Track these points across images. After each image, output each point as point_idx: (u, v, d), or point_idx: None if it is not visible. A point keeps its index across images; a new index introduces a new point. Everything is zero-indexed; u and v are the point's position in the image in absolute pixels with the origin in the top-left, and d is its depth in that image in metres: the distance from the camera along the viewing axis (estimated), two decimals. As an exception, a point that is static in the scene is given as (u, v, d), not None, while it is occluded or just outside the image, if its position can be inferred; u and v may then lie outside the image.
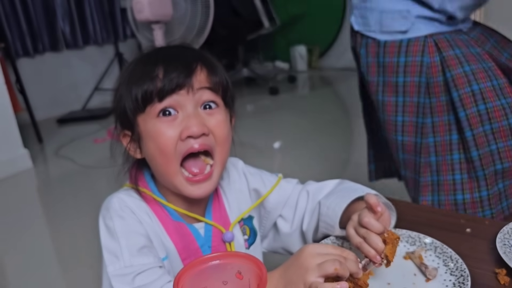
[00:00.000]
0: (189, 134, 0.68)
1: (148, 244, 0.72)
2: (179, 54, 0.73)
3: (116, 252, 0.69)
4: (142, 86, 0.69)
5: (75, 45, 4.48)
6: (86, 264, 1.85)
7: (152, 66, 0.70)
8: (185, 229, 0.78)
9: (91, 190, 2.62)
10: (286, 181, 0.90)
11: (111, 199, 0.77)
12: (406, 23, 1.22)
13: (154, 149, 0.71)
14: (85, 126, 3.90)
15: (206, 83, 0.71)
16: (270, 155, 3.02)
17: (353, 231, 0.68)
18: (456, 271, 0.67)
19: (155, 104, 0.69)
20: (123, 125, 0.76)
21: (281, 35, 5.28)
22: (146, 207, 0.77)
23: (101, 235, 0.73)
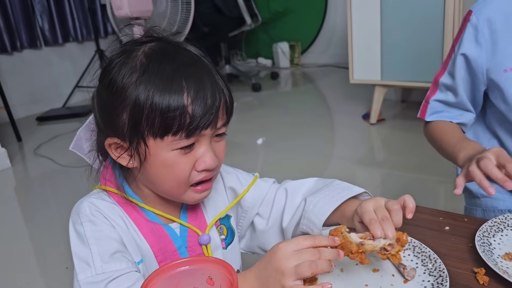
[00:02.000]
0: (206, 167, 0.69)
1: (121, 249, 0.70)
2: (204, 79, 0.66)
3: (87, 259, 0.67)
4: (167, 115, 0.63)
5: (54, 42, 4.41)
6: (66, 264, 1.82)
7: (178, 90, 0.64)
8: (162, 230, 0.76)
9: (70, 190, 2.57)
10: (263, 180, 0.89)
11: (81, 203, 0.73)
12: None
13: (164, 175, 0.69)
14: (65, 124, 3.83)
15: (223, 118, 0.69)
16: (253, 151, 3.00)
17: (372, 208, 0.67)
18: (434, 272, 0.66)
19: (180, 139, 0.65)
20: (115, 134, 0.69)
21: (264, 32, 5.26)
22: (120, 209, 0.74)
23: (71, 242, 0.70)
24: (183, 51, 0.69)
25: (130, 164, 0.70)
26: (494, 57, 1.00)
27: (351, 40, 2.90)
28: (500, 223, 0.77)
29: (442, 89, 1.10)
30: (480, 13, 1.01)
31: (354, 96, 3.71)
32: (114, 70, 0.67)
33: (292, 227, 0.82)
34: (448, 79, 1.08)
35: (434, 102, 1.11)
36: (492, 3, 1.01)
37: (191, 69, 0.66)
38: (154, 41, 0.69)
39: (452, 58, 1.07)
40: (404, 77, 2.79)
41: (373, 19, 2.77)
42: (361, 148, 2.75)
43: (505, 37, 0.99)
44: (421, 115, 1.13)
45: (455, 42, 1.07)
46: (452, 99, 1.08)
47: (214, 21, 4.19)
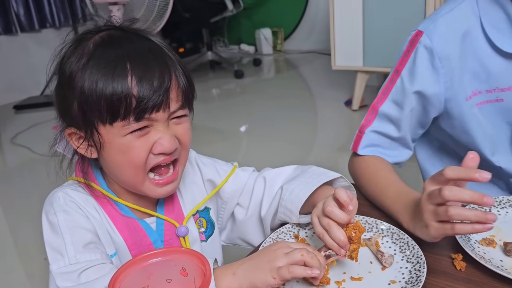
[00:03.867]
0: (162, 151, 0.66)
1: (94, 240, 0.68)
2: (151, 61, 0.65)
3: (60, 249, 0.66)
4: (112, 100, 0.62)
5: (30, 28, 4.29)
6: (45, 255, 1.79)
7: (122, 73, 0.62)
8: (136, 224, 0.74)
9: (48, 179, 2.53)
10: (242, 170, 0.88)
11: (55, 193, 0.72)
12: None
13: (121, 161, 0.67)
14: (43, 112, 3.74)
15: (178, 100, 0.67)
16: (235, 138, 2.99)
17: (316, 219, 0.67)
18: (412, 258, 0.65)
19: (130, 124, 0.64)
20: (71, 123, 0.68)
21: (246, 18, 5.21)
22: (94, 202, 0.73)
23: (44, 232, 0.69)
24: (134, 37, 0.67)
25: (88, 153, 0.69)
26: (453, 85, 0.86)
27: (333, 27, 2.89)
28: (478, 209, 0.76)
29: (382, 119, 0.91)
30: (433, 34, 0.85)
31: (336, 82, 3.70)
32: (64, 59, 0.66)
33: (270, 216, 0.81)
34: (392, 109, 0.90)
35: (371, 133, 0.92)
36: (443, 23, 0.86)
37: (138, 53, 0.65)
38: (107, 30, 0.68)
39: (396, 85, 0.90)
40: (386, 63, 2.79)
41: (355, 5, 2.75)
42: (343, 135, 2.75)
43: (462, 61, 0.85)
44: (354, 147, 0.94)
45: (399, 66, 0.90)
46: (393, 133, 0.91)
47: (195, 7, 4.13)
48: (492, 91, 0.87)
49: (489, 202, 0.58)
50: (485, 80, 0.86)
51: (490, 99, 0.87)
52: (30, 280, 1.71)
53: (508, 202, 0.78)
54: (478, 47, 0.85)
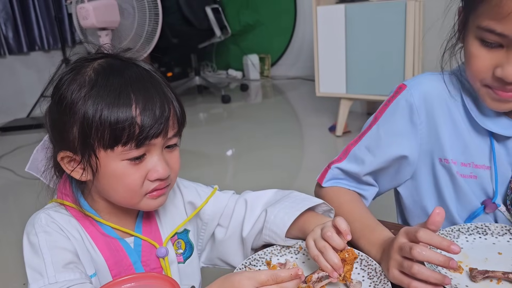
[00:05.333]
0: (158, 177, 0.70)
1: (74, 260, 0.70)
2: (151, 91, 0.68)
3: (40, 269, 0.67)
4: (116, 126, 0.65)
5: (19, 51, 4.31)
6: (23, 280, 1.76)
7: (126, 100, 0.65)
8: (117, 244, 0.76)
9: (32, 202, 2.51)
10: (222, 192, 0.90)
11: (37, 215, 0.74)
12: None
13: (116, 186, 0.70)
14: (29, 135, 3.73)
15: (174, 128, 0.71)
16: (221, 163, 3.00)
17: (312, 242, 0.69)
18: (379, 284, 0.67)
19: (130, 150, 0.67)
20: (66, 147, 0.70)
21: (234, 44, 5.29)
22: (76, 222, 0.75)
23: (25, 253, 0.70)
24: (132, 66, 0.71)
25: (83, 177, 0.71)
26: (430, 141, 0.86)
27: (317, 55, 2.95)
28: (447, 235, 0.78)
29: (351, 160, 0.92)
30: (415, 89, 0.86)
31: (321, 109, 3.76)
32: (63, 87, 0.68)
33: (252, 237, 0.83)
34: (362, 153, 0.90)
35: (336, 169, 0.93)
36: (427, 83, 0.86)
37: (139, 82, 0.68)
38: (104, 58, 0.71)
39: (372, 131, 0.90)
40: (368, 91, 2.85)
41: (338, 35, 2.82)
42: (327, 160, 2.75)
43: (441, 124, 0.84)
44: (320, 179, 0.95)
45: (378, 113, 0.90)
46: (360, 173, 0.91)
47: (184, 33, 4.19)
48: (467, 165, 0.85)
49: (456, 250, 0.59)
50: (461, 152, 0.85)
51: (464, 174, 0.85)
52: (8, 305, 1.68)
53: (476, 229, 0.80)
54: (457, 118, 0.84)
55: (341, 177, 0.94)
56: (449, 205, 0.88)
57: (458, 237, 0.79)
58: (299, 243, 0.80)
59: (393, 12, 2.59)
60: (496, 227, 0.79)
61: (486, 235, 0.79)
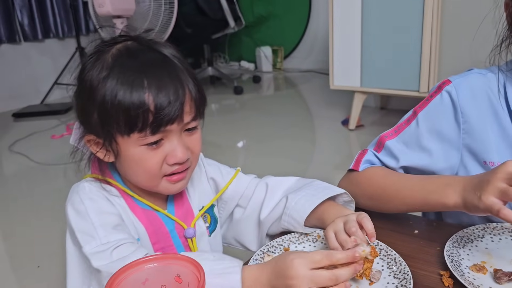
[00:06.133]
0: (176, 161, 0.71)
1: (121, 223, 0.72)
2: (165, 76, 0.68)
3: (90, 231, 0.69)
4: (130, 114, 0.66)
5: (34, 38, 4.34)
6: (37, 263, 1.79)
7: (139, 92, 0.66)
8: (154, 214, 0.78)
9: (45, 188, 2.53)
10: (245, 175, 0.92)
11: (79, 185, 0.76)
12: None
13: (137, 169, 0.72)
14: (43, 121, 3.76)
15: (191, 112, 0.71)
16: (234, 154, 3.00)
17: (332, 234, 0.69)
18: (399, 274, 0.67)
19: (146, 136, 0.68)
20: (91, 130, 0.72)
21: (247, 35, 5.28)
22: (116, 191, 0.77)
23: (72, 221, 0.71)
24: (149, 50, 0.71)
25: (106, 158, 0.73)
26: (472, 143, 0.82)
27: (332, 47, 2.93)
28: (471, 234, 0.76)
29: (386, 153, 0.89)
30: (461, 86, 0.82)
31: (334, 102, 3.74)
32: (85, 72, 0.70)
33: (270, 222, 0.84)
34: (397, 148, 0.88)
35: (372, 156, 0.90)
36: (474, 81, 0.82)
37: (153, 69, 0.68)
38: (125, 41, 0.71)
39: (410, 127, 0.87)
40: (383, 85, 2.83)
41: (354, 27, 2.80)
42: (340, 154, 2.77)
43: (484, 126, 0.80)
44: (354, 166, 0.90)
45: (418, 107, 0.87)
46: (394, 166, 0.88)
47: (198, 23, 4.19)
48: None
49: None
50: (509, 154, 0.80)
51: None
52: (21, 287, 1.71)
53: (502, 229, 0.77)
54: (503, 118, 0.80)
55: (378, 164, 0.90)
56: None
57: (483, 237, 0.76)
58: (317, 232, 0.79)
59: (411, 4, 2.56)
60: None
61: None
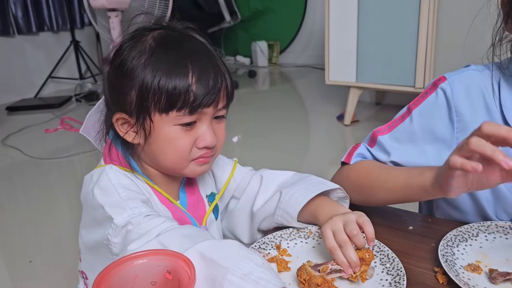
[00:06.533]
0: (206, 145, 0.73)
1: (148, 202, 0.72)
2: (207, 62, 0.71)
3: (120, 204, 0.67)
4: (173, 92, 0.68)
5: (28, 31, 4.30)
6: (29, 258, 1.77)
7: (183, 68, 0.68)
8: (175, 206, 0.79)
9: (39, 182, 2.52)
10: (241, 166, 0.93)
11: (98, 170, 0.75)
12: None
13: (167, 149, 0.72)
14: (37, 115, 3.74)
15: (224, 100, 0.74)
16: (228, 148, 3.00)
17: (330, 233, 0.68)
18: (392, 271, 0.66)
19: (184, 115, 0.70)
20: (123, 109, 0.72)
21: (243, 30, 5.26)
22: (142, 180, 0.77)
23: (99, 199, 0.69)
24: (189, 38, 0.74)
25: (135, 140, 0.74)
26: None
27: (327, 42, 2.92)
28: (465, 233, 0.75)
29: (379, 148, 0.89)
30: (455, 84, 0.81)
31: (330, 97, 3.74)
32: (124, 53, 0.71)
33: (263, 215, 0.84)
34: (390, 145, 0.87)
35: (365, 150, 0.90)
36: (469, 77, 0.81)
37: (196, 54, 0.71)
38: (162, 29, 0.74)
39: (404, 124, 0.86)
40: (378, 80, 2.83)
41: (350, 22, 2.79)
42: (335, 149, 2.76)
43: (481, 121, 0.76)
44: (346, 159, 0.90)
45: (412, 104, 0.86)
46: (383, 159, 0.88)
47: (193, 17, 4.14)
48: None
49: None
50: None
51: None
52: (13, 282, 1.70)
53: (496, 228, 0.77)
54: (496, 117, 0.79)
55: (370, 158, 0.90)
56: (486, 208, 0.83)
57: (477, 235, 0.75)
58: (309, 228, 0.79)
59: (407, 0, 2.55)
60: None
61: (507, 235, 0.75)
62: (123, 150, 0.77)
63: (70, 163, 2.71)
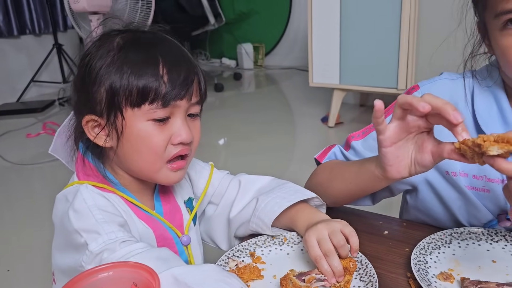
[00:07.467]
0: (181, 141, 0.71)
1: (125, 225, 0.70)
2: (178, 56, 0.71)
3: (95, 228, 0.64)
4: (144, 83, 0.67)
5: (9, 34, 4.24)
6: (7, 267, 1.74)
7: (154, 61, 0.68)
8: (155, 220, 0.77)
9: (20, 188, 2.48)
10: (217, 170, 0.92)
11: (74, 188, 0.72)
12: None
13: (141, 147, 0.70)
14: (18, 119, 3.69)
15: (197, 95, 0.73)
16: (213, 151, 2.98)
17: (315, 242, 0.68)
18: (365, 277, 0.66)
19: (156, 109, 0.68)
20: (92, 111, 0.70)
21: (228, 32, 5.25)
22: (118, 196, 0.74)
23: (73, 223, 0.66)
24: (160, 37, 0.73)
25: (107, 143, 0.71)
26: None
27: (311, 45, 2.93)
28: (438, 240, 0.75)
29: (352, 152, 0.90)
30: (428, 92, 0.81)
31: (314, 99, 3.74)
32: (92, 52, 0.70)
33: (239, 222, 0.83)
34: (361, 149, 0.88)
35: (338, 151, 0.92)
36: (441, 86, 0.83)
37: (166, 47, 0.71)
38: (131, 32, 0.73)
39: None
40: (361, 82, 2.84)
41: (333, 25, 2.80)
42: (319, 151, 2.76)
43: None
44: (319, 157, 0.94)
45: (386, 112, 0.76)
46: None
47: (177, 19, 4.14)
48: (479, 178, 0.80)
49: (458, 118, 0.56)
50: (473, 165, 0.77)
51: (476, 187, 0.81)
52: (-7, 291, 1.67)
53: (469, 234, 0.76)
54: (469, 125, 0.79)
55: (342, 159, 0.91)
56: (459, 217, 0.84)
57: (451, 242, 0.75)
58: (284, 234, 0.78)
59: (389, 2, 2.57)
60: (491, 232, 0.76)
61: (480, 241, 0.75)
62: (95, 161, 0.74)
63: (52, 168, 2.67)
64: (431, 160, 0.64)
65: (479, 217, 0.82)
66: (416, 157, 0.66)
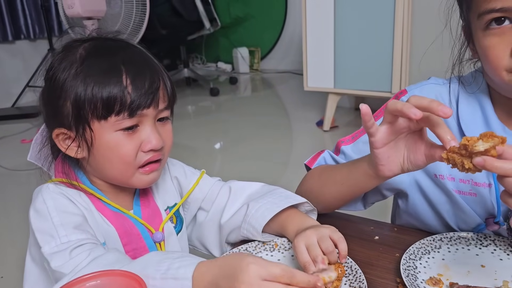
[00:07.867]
0: (151, 148, 0.71)
1: (84, 224, 0.70)
2: (141, 63, 0.72)
3: (50, 231, 0.66)
4: (108, 95, 0.67)
5: (4, 39, 4.24)
6: (4, 274, 1.74)
7: (117, 71, 0.68)
8: (124, 217, 0.77)
9: (16, 194, 2.47)
10: (208, 177, 0.92)
11: (43, 186, 0.74)
12: None
13: (111, 157, 0.71)
14: (14, 125, 3.68)
15: (165, 100, 0.73)
16: (209, 156, 2.98)
17: (304, 248, 0.68)
18: (355, 283, 0.66)
19: (123, 119, 0.68)
20: (61, 124, 0.71)
21: (224, 36, 5.26)
22: (83, 194, 0.75)
23: (32, 222, 0.69)
24: (123, 45, 0.73)
25: (79, 154, 0.72)
26: None
27: (305, 49, 2.94)
28: (428, 245, 0.75)
29: (342, 156, 0.91)
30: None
31: (310, 103, 3.75)
32: (55, 65, 0.70)
33: (230, 228, 0.83)
34: (351, 153, 0.89)
35: (328, 156, 0.92)
36: (428, 91, 0.83)
37: (129, 56, 0.71)
38: (94, 40, 0.73)
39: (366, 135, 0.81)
40: (356, 86, 2.85)
41: (327, 30, 2.81)
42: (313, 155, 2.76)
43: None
44: (309, 163, 0.94)
45: (375, 116, 0.83)
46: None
47: (173, 24, 4.15)
48: (466, 182, 0.81)
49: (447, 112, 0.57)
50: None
51: (463, 191, 0.81)
52: (-14, 298, 1.66)
53: (458, 239, 0.76)
54: (454, 131, 0.80)
55: (332, 163, 0.92)
56: (448, 221, 0.84)
57: (440, 248, 0.75)
58: (275, 240, 0.78)
59: (382, 7, 2.58)
60: (480, 237, 0.76)
61: (469, 246, 0.75)
62: (72, 165, 0.76)
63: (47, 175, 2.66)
64: (424, 161, 0.66)
65: (468, 221, 0.82)
66: (409, 156, 0.67)
